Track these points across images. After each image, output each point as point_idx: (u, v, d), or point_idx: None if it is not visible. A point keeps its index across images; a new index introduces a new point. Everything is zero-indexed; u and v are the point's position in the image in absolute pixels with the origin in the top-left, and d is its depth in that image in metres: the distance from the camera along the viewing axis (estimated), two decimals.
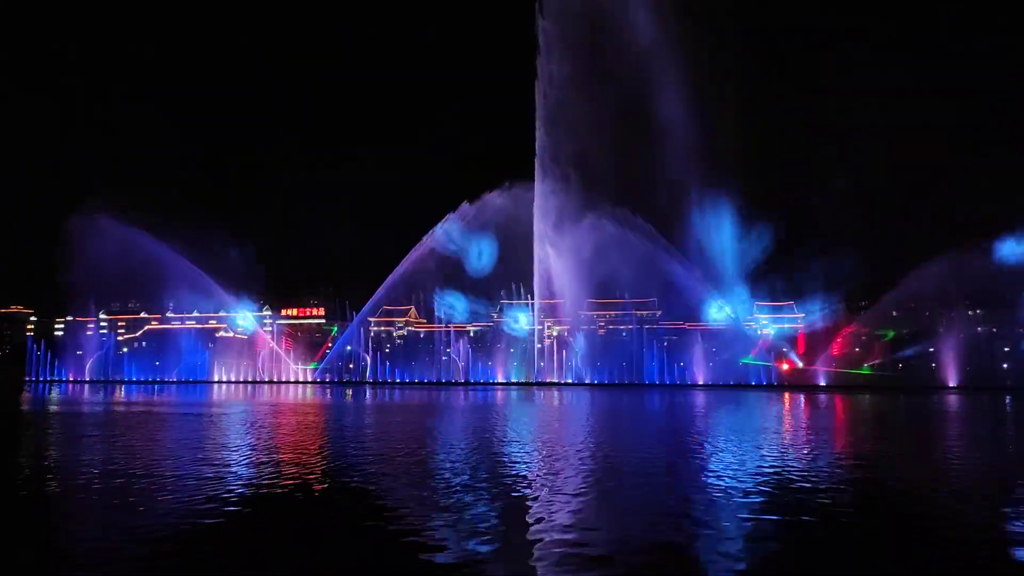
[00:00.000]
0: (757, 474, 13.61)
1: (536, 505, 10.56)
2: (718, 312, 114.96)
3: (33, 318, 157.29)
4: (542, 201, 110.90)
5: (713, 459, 16.05)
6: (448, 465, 14.92)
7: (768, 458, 16.23)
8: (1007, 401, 55.12)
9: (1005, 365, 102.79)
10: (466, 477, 13.15)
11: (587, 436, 21.72)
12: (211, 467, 14.26)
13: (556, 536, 8.53)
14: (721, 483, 12.45)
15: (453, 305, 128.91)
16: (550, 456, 16.36)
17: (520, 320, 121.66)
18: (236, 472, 13.70)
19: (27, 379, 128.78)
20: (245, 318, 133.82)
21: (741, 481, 12.68)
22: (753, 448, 18.49)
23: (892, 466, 15.89)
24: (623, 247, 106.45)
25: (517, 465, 14.92)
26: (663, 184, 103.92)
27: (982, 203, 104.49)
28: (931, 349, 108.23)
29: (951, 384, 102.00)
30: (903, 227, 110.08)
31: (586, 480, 12.77)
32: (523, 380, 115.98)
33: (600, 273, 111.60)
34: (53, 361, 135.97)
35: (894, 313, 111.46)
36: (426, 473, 13.86)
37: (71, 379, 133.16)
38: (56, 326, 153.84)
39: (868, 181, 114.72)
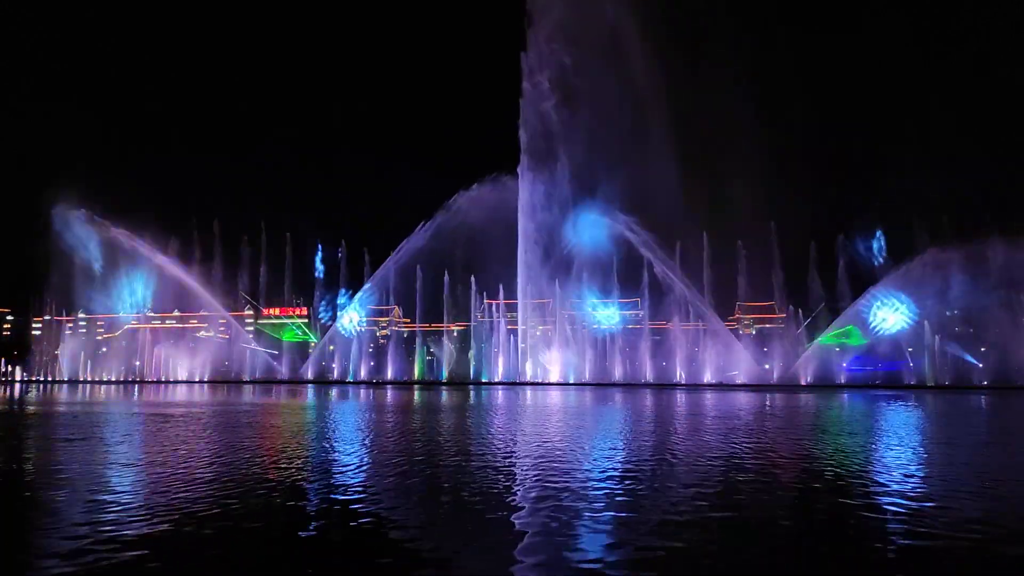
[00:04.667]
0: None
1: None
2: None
3: (9, 317, 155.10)
4: (527, 196, 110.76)
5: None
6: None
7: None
8: (982, 400, 55.96)
9: (980, 365, 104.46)
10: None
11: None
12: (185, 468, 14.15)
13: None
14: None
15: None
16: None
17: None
18: (217, 473, 13.59)
19: (3, 380, 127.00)
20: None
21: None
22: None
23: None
24: (609, 242, 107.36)
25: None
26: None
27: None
28: (909, 349, 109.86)
29: (929, 384, 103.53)
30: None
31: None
32: (508, 380, 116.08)
33: (587, 271, 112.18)
34: (30, 361, 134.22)
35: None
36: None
37: (49, 379, 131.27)
38: (33, 325, 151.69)
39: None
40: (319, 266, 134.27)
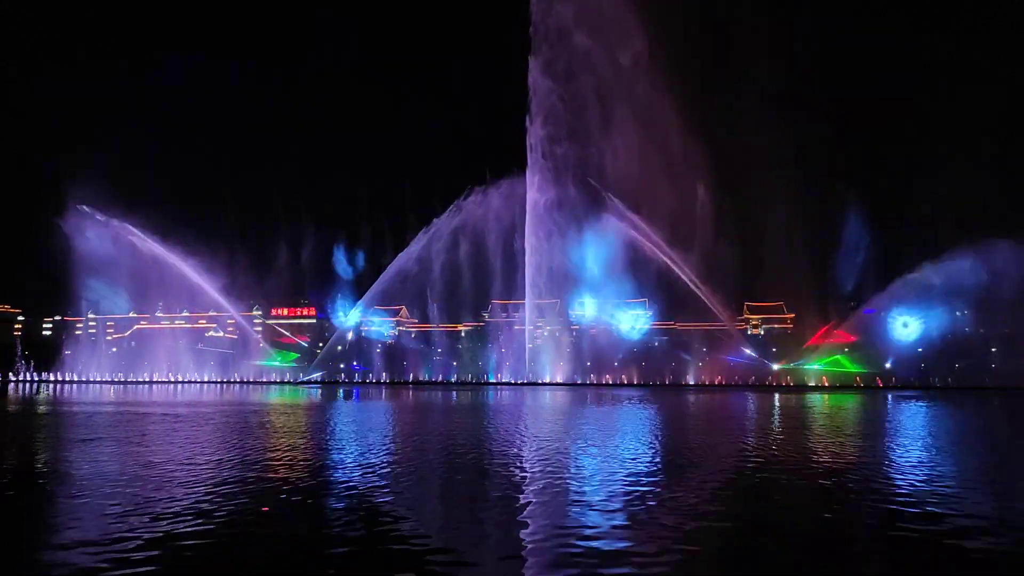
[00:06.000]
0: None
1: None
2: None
3: (21, 318, 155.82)
4: (534, 198, 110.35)
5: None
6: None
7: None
8: (995, 402, 55.67)
9: (993, 365, 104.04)
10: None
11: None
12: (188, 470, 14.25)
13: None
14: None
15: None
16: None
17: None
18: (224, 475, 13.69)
19: (13, 380, 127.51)
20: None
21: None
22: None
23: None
24: (617, 244, 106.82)
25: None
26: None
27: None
28: (919, 350, 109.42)
29: (937, 384, 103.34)
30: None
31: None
32: (515, 380, 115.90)
33: (593, 272, 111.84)
34: (40, 361, 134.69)
35: (881, 314, 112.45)
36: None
37: (59, 379, 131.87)
38: (44, 326, 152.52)
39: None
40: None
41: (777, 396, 65.56)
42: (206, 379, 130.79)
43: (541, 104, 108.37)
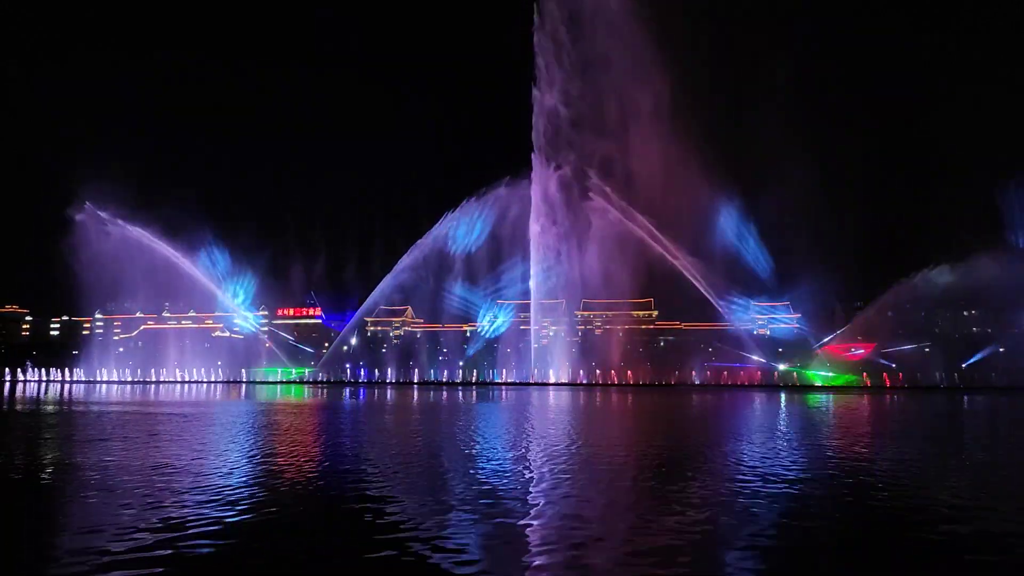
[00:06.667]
0: None
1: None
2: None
3: (28, 318, 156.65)
4: (539, 198, 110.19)
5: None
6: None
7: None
8: (1003, 401, 55.43)
9: (1001, 365, 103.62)
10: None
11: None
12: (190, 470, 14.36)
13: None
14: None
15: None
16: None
17: None
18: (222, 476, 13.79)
19: (21, 379, 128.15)
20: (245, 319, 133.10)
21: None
22: None
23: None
24: (622, 243, 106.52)
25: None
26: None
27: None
28: (927, 350, 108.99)
29: (943, 385, 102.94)
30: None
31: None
32: (519, 380, 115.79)
33: (598, 272, 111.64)
34: (48, 361, 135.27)
35: (889, 314, 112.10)
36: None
37: (67, 379, 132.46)
38: (52, 326, 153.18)
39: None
40: None
41: (784, 396, 65.32)
42: (213, 379, 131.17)
43: (547, 101, 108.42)
